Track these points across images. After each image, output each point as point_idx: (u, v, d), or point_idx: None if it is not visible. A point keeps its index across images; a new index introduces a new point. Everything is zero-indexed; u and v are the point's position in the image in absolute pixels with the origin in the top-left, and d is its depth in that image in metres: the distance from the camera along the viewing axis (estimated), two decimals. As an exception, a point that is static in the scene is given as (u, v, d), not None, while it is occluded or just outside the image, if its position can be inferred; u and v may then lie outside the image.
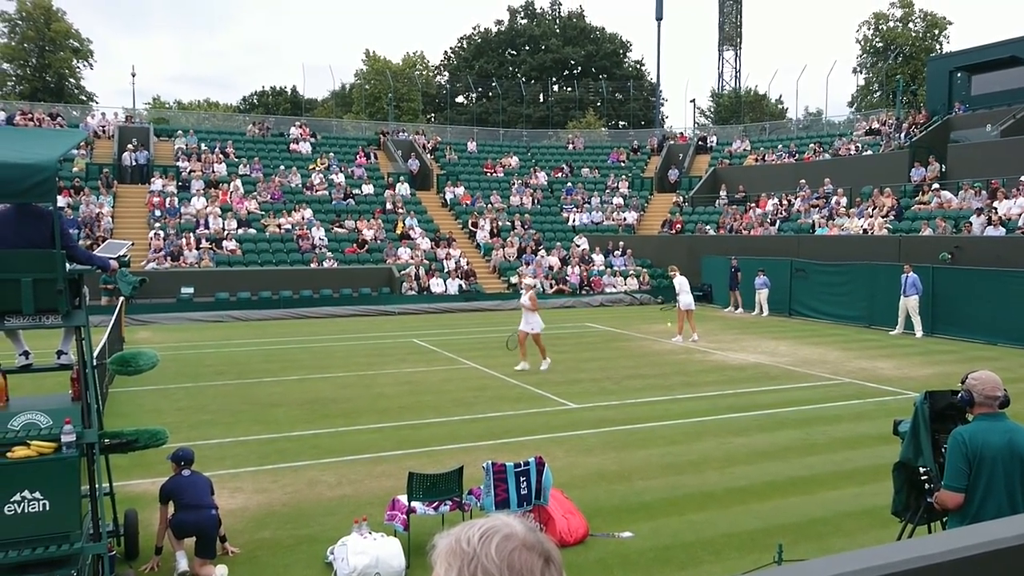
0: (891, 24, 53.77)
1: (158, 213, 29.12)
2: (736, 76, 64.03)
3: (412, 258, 29.18)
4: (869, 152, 31.80)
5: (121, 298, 20.26)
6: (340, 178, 34.29)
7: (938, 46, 51.82)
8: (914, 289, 20.43)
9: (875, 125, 34.71)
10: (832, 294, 23.96)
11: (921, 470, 5.08)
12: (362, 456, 9.70)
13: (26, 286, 5.64)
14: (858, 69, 56.22)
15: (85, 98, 54.76)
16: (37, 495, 5.39)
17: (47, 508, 5.41)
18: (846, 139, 34.46)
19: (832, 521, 7.54)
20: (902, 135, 31.43)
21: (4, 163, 5.46)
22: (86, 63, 55.82)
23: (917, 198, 26.21)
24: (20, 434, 5.55)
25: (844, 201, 28.15)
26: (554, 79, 66.72)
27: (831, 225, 27.11)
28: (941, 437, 5.03)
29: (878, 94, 53.00)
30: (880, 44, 54.02)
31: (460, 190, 36.05)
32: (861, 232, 25.53)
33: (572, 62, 66.60)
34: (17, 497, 5.35)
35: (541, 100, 65.03)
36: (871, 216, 25.97)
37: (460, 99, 65.20)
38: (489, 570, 1.27)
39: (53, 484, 5.44)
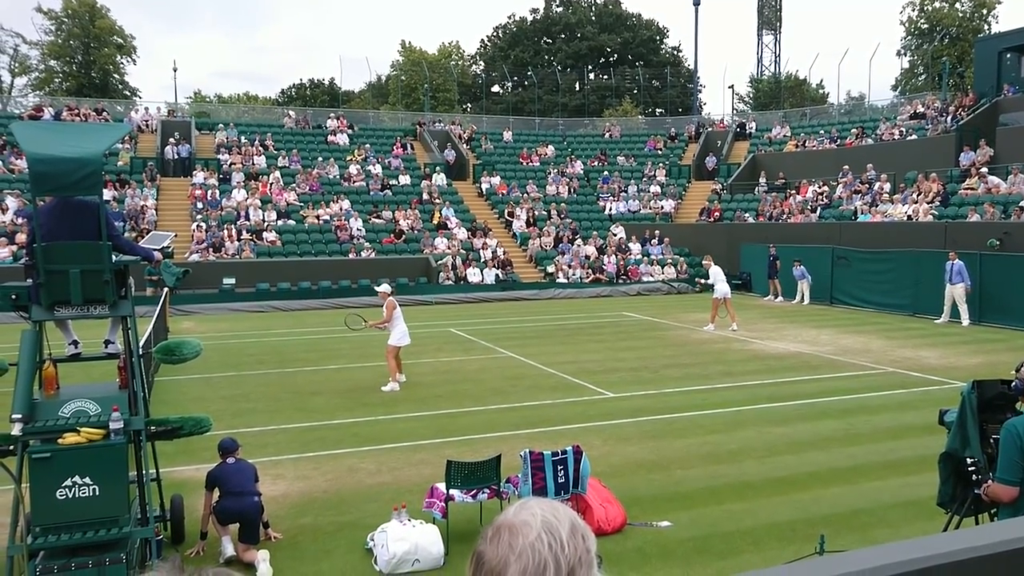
0: (937, 4, 52.30)
1: (200, 205, 29.61)
2: (776, 61, 62.90)
3: (449, 248, 29.29)
4: (914, 136, 31.05)
5: (165, 289, 20.67)
6: (377, 169, 34.51)
7: (986, 27, 50.29)
8: (960, 277, 19.95)
9: (920, 109, 33.85)
10: (875, 282, 23.50)
11: (968, 461, 4.98)
12: (401, 444, 9.80)
13: (74, 277, 5.78)
14: (902, 52, 54.80)
15: (129, 93, 55.85)
16: (87, 480, 5.55)
17: (97, 493, 5.56)
18: (890, 123, 33.68)
19: (875, 512, 7.42)
20: (948, 118, 30.63)
21: (53, 157, 5.60)
22: (129, 59, 56.93)
23: (964, 183, 25.55)
24: (70, 421, 5.72)
25: (887, 187, 27.55)
26: (590, 67, 66.23)
27: (874, 212, 26.57)
28: (989, 427, 4.92)
29: (923, 77, 51.63)
30: (925, 25, 52.56)
31: (496, 180, 36.05)
32: (905, 218, 24.98)
33: (608, 49, 66.04)
34: (68, 482, 5.51)
35: (577, 88, 64.64)
36: (916, 202, 25.38)
37: (496, 88, 65.11)
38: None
39: (102, 470, 5.59)
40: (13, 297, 5.96)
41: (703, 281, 20.53)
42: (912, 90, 49.07)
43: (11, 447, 5.71)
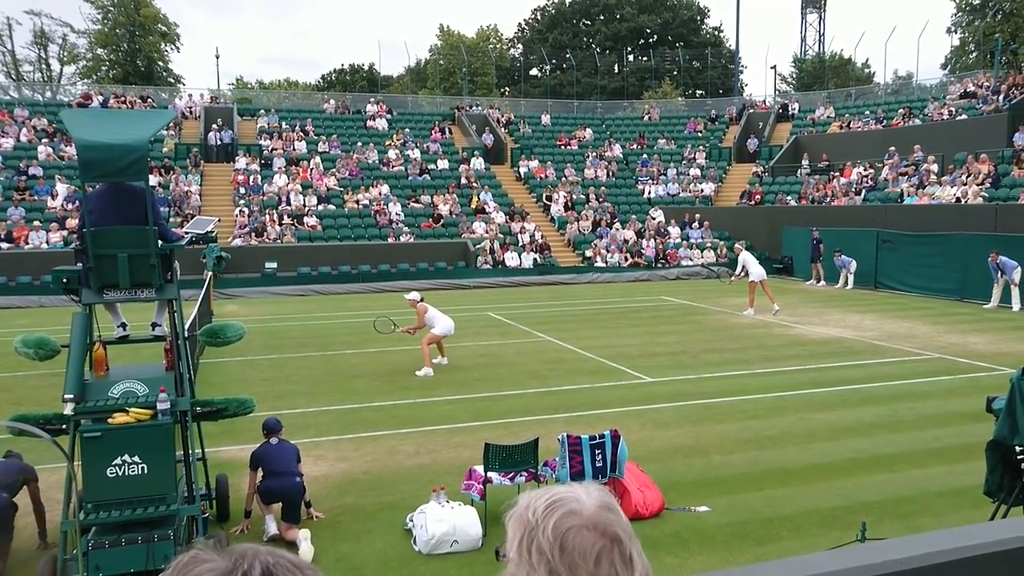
0: (990, -21, 50.56)
1: (242, 191, 30.05)
2: (820, 40, 61.60)
3: (487, 232, 29.33)
4: (964, 116, 30.17)
5: (209, 273, 21.04)
6: (416, 153, 34.64)
7: (1042, 1, 48.48)
8: (1010, 267, 19.50)
9: (971, 88, 32.86)
10: (921, 266, 22.97)
11: (1017, 449, 4.87)
12: (440, 427, 9.89)
13: (122, 261, 5.92)
14: (953, 29, 53.13)
15: (173, 80, 56.78)
16: (136, 459, 5.71)
17: (145, 471, 5.72)
18: (939, 103, 32.76)
19: (919, 500, 7.30)
20: (1001, 97, 29.69)
21: (101, 144, 5.73)
22: (173, 46, 57.83)
23: (1017, 164, 24.77)
24: (119, 401, 5.88)
25: (935, 168, 26.85)
26: (629, 49, 65.46)
27: (921, 194, 25.93)
28: (1039, 415, 4.80)
29: (974, 55, 50.04)
30: (977, 1, 50.93)
31: (534, 164, 35.94)
32: (954, 201, 24.35)
33: (648, 31, 65.17)
34: (118, 460, 5.68)
35: (616, 71, 63.96)
36: (965, 184, 24.71)
37: (534, 72, 64.71)
38: (542, 547, 1.21)
39: (150, 449, 5.75)
40: (64, 281, 6.14)
41: (732, 278, 20.39)
42: (962, 68, 47.61)
43: (63, 426, 5.89)
